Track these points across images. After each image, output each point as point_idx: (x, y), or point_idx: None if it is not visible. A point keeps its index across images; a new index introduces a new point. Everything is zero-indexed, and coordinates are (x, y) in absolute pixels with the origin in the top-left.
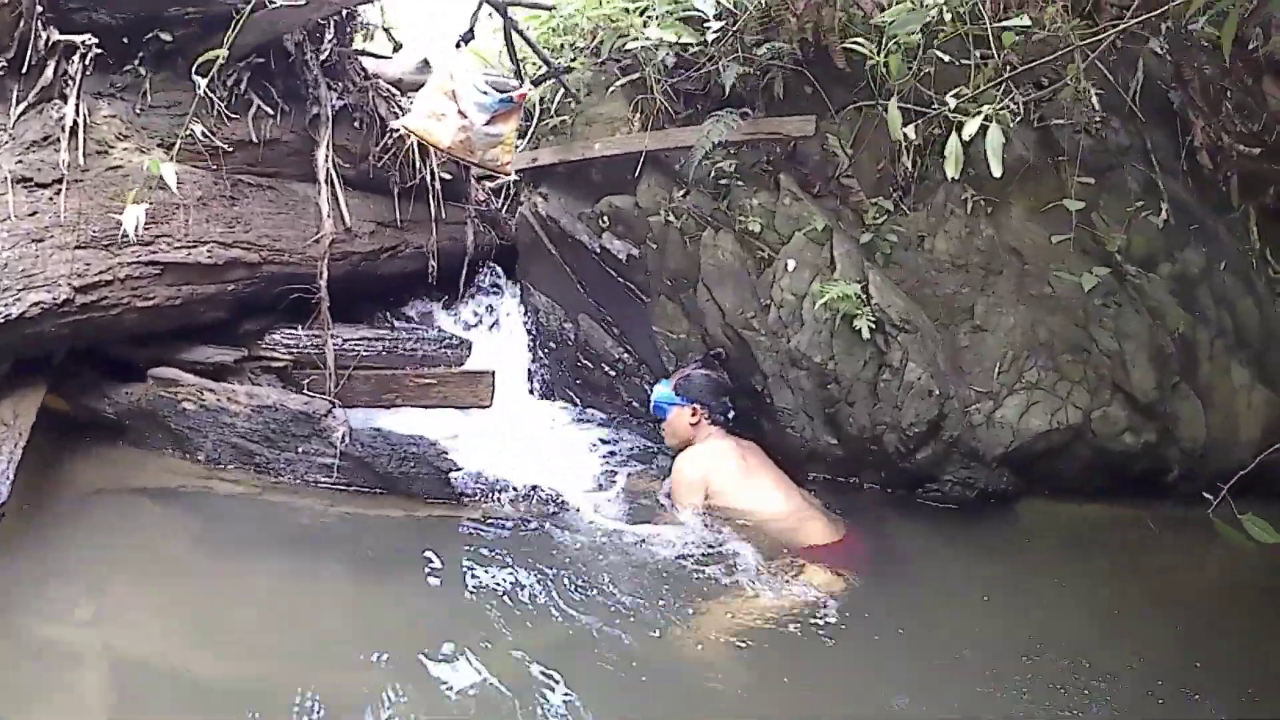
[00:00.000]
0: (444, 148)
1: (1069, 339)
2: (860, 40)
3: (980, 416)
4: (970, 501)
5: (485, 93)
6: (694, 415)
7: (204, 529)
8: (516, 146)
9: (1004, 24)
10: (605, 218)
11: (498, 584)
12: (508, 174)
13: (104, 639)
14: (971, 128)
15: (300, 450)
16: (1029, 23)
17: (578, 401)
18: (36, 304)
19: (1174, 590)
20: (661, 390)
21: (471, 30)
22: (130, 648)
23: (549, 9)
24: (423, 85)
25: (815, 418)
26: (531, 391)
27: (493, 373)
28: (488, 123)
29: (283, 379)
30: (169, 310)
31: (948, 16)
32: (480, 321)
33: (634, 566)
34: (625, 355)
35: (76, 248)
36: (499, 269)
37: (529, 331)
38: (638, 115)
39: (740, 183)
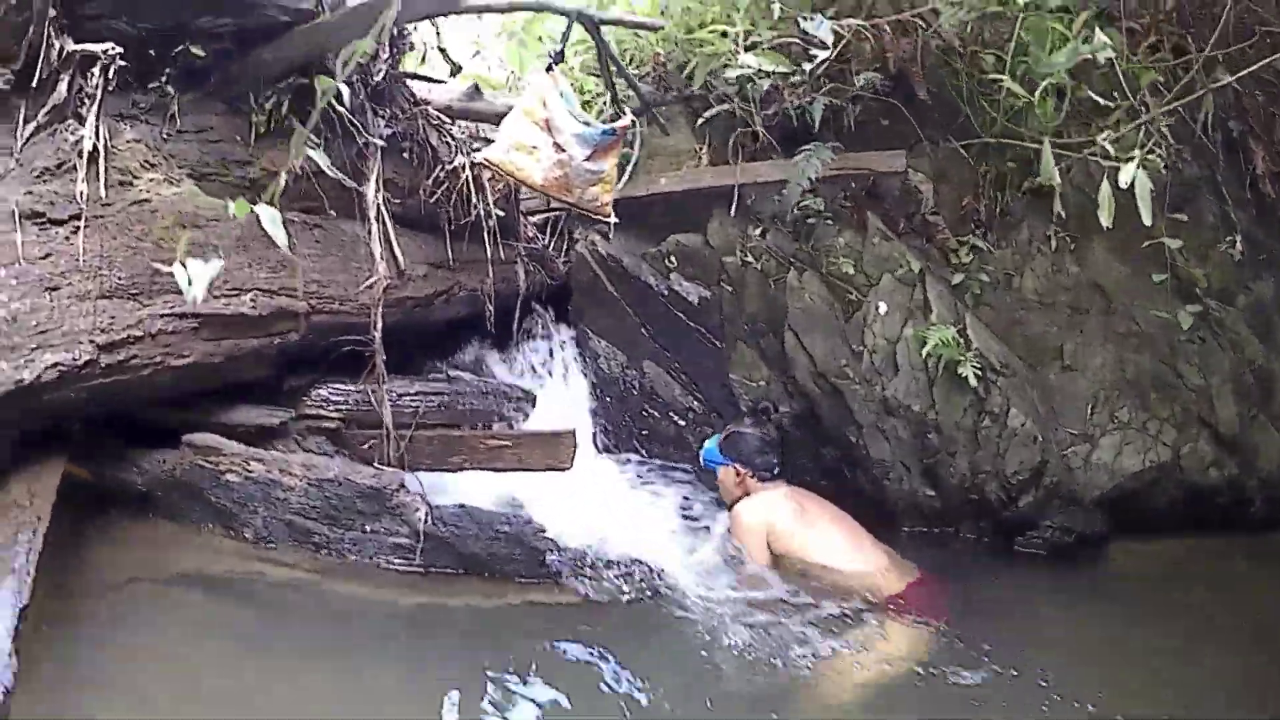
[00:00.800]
0: (536, 185)
1: (1156, 376)
2: (999, 77)
3: (1078, 459)
4: (1067, 545)
5: (587, 123)
6: (738, 475)
7: (254, 626)
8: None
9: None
10: (672, 257)
11: (608, 682)
12: (608, 216)
13: None
14: (1127, 174)
15: (368, 529)
16: (1170, 60)
17: (644, 453)
18: (54, 365)
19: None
20: (709, 448)
21: (562, 51)
22: None
23: (655, 29)
24: (475, 112)
25: (913, 469)
26: (594, 442)
27: (574, 433)
28: (588, 157)
29: (334, 441)
30: (206, 368)
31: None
32: (536, 369)
33: (742, 640)
34: (695, 404)
35: (99, 297)
36: (550, 311)
37: (589, 379)
38: (706, 149)
39: (829, 221)
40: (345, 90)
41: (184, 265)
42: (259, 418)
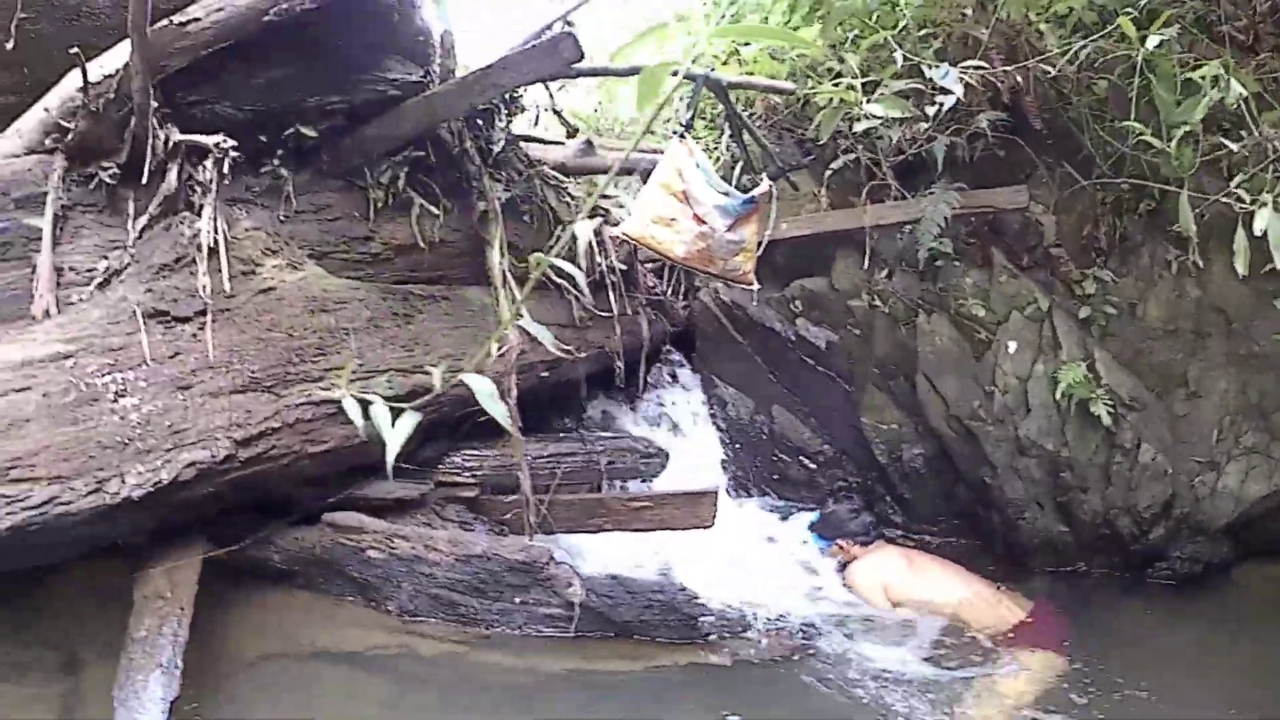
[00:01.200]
0: (678, 258)
1: (1279, 397)
2: (1137, 125)
3: (1205, 488)
4: (1195, 575)
5: (726, 193)
6: (842, 549)
7: (402, 702)
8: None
9: None
10: (798, 302)
11: None
12: (750, 284)
13: None
14: (1261, 221)
15: (517, 601)
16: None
17: (775, 498)
18: (192, 464)
19: None
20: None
21: (692, 119)
22: None
23: (785, 93)
24: (590, 168)
25: (1046, 507)
26: (728, 491)
27: (715, 492)
28: (729, 227)
29: (473, 508)
30: (346, 452)
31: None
32: (664, 420)
33: (884, 695)
34: (825, 446)
35: (233, 393)
36: (677, 359)
37: (718, 426)
38: (825, 192)
39: (956, 262)
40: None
41: (359, 404)
42: (399, 491)
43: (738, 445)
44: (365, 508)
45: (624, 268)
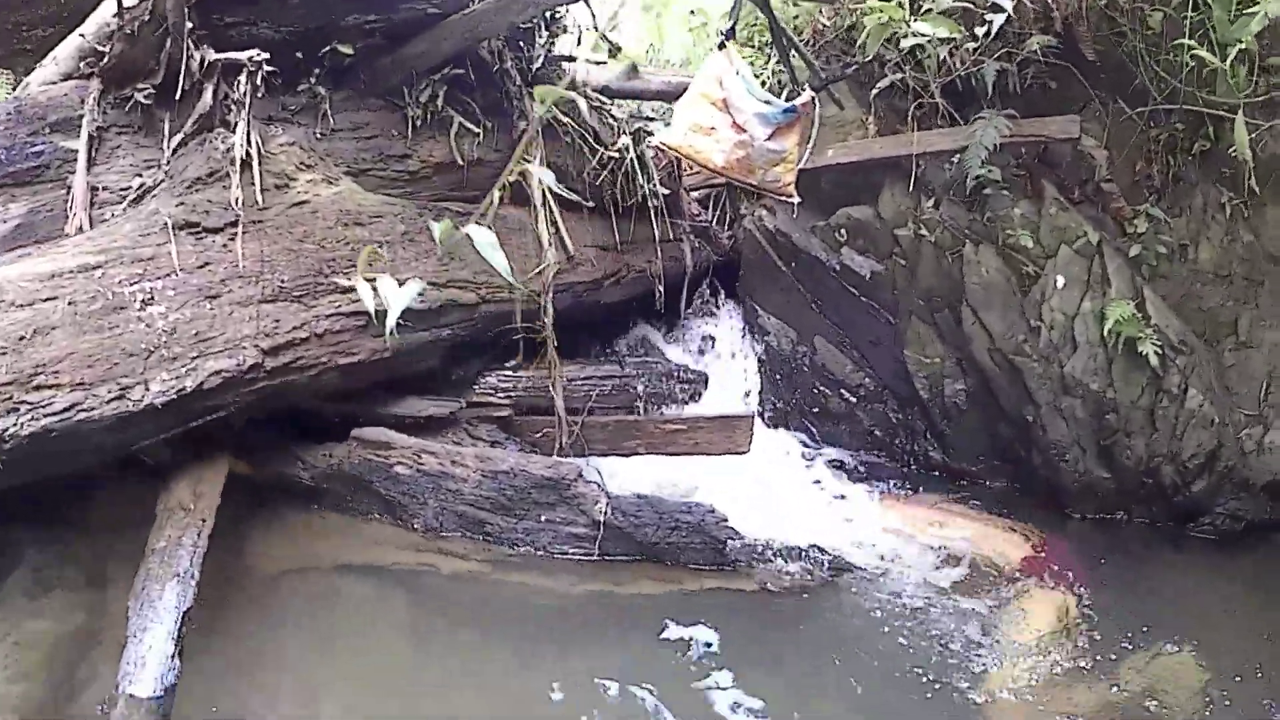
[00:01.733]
0: (717, 168)
1: None
2: (1190, 43)
3: (1250, 443)
4: (1237, 533)
5: (767, 101)
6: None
7: (424, 615)
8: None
9: None
10: (843, 230)
11: (787, 671)
12: (791, 196)
13: None
14: None
15: (543, 519)
16: None
17: (814, 431)
18: (217, 373)
19: None
20: None
21: (734, 28)
22: None
23: (831, 2)
24: (633, 91)
25: (1089, 450)
26: (765, 422)
27: (752, 417)
28: (769, 136)
29: (505, 429)
30: (375, 365)
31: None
32: (705, 348)
33: (917, 623)
34: (867, 380)
35: (262, 302)
36: (719, 287)
37: (758, 357)
38: (873, 118)
39: (1005, 192)
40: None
41: (369, 282)
42: (430, 409)
43: (778, 376)
44: (396, 426)
45: (666, 192)
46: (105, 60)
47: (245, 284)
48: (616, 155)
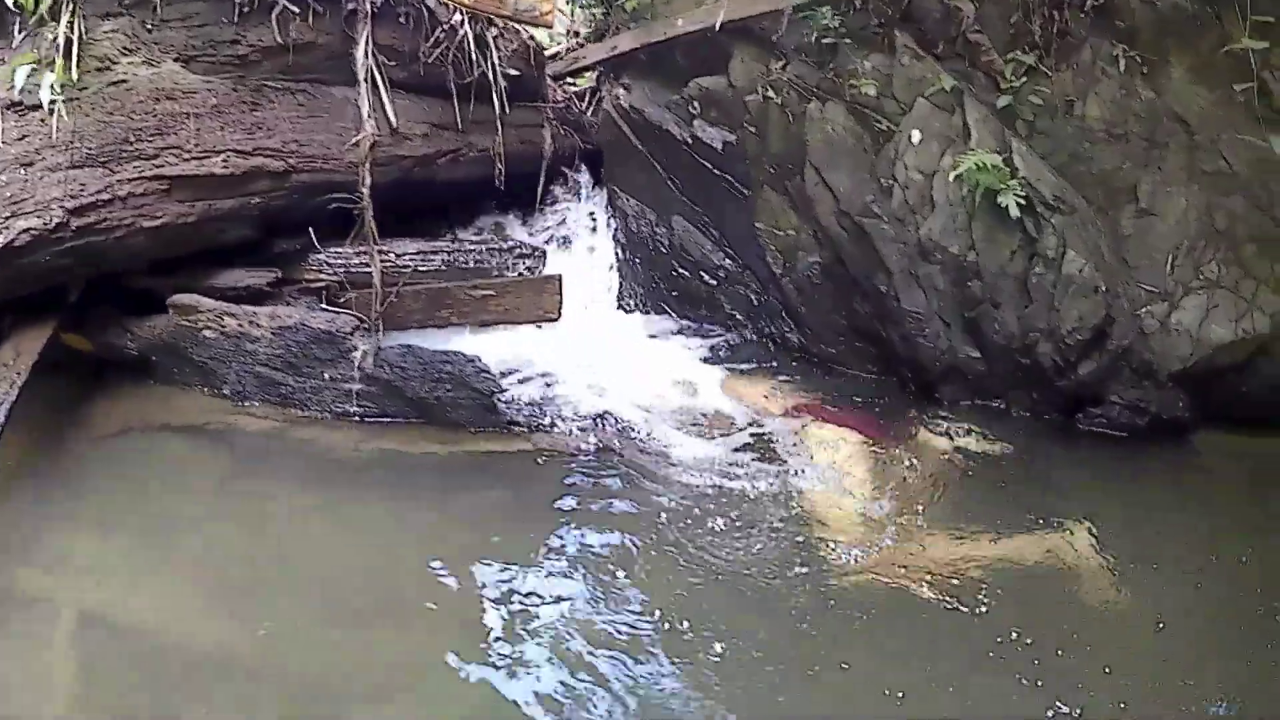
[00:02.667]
0: (468, 2)
1: (1252, 226)
2: None
3: (1153, 321)
4: (1139, 430)
5: None
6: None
7: (229, 469)
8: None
9: None
10: (695, 102)
11: (549, 535)
12: (550, 25)
13: (93, 590)
14: None
15: (327, 377)
16: None
17: (674, 315)
18: (26, 230)
19: None
20: None
21: None
22: (120, 602)
23: None
24: None
25: (952, 324)
26: (621, 307)
27: (559, 277)
28: None
29: (328, 302)
30: (183, 230)
31: None
32: (561, 233)
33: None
34: (726, 261)
35: (70, 168)
36: (585, 173)
37: (617, 240)
38: None
39: (848, 42)
40: None
41: None
42: (247, 279)
43: (637, 260)
44: (219, 298)
45: (515, 72)
46: None
47: (56, 153)
48: (447, 30)
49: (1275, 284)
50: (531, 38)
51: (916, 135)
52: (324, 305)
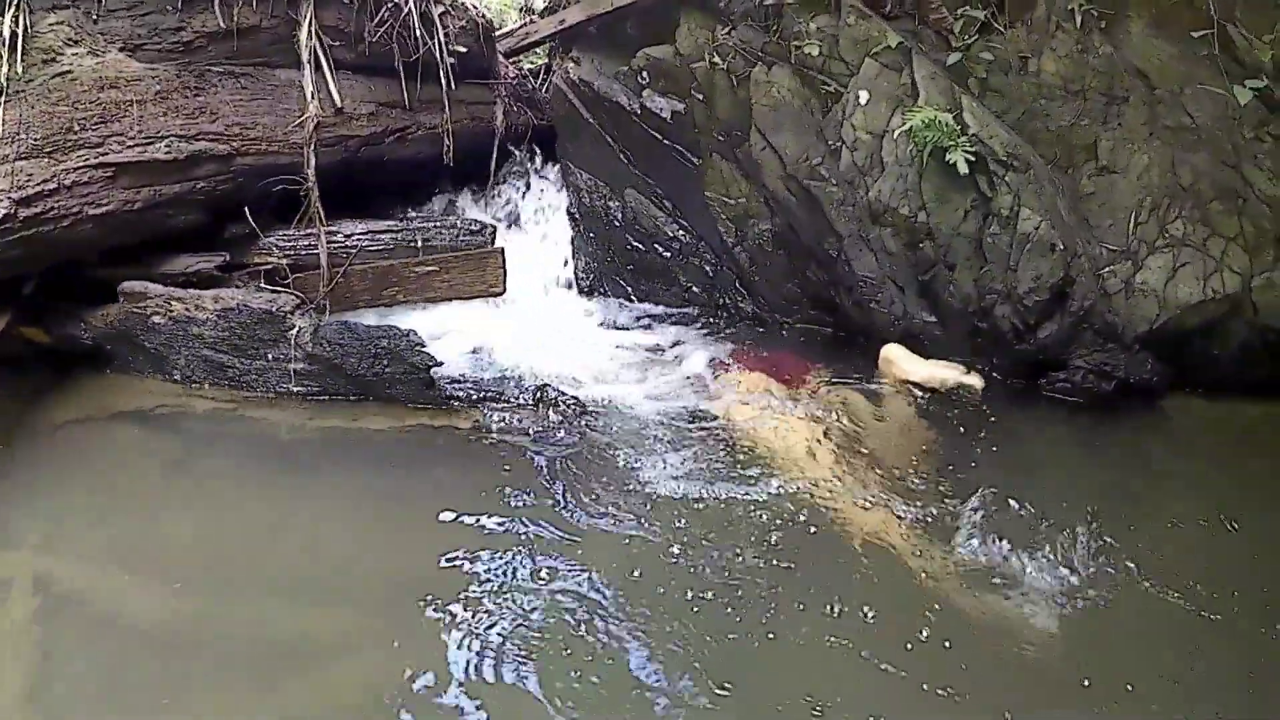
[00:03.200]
0: None
1: (1218, 182)
2: None
3: (1116, 281)
4: (1107, 395)
5: None
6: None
7: (179, 451)
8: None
9: None
10: (644, 73)
11: (488, 509)
12: None
13: (44, 569)
14: None
15: (271, 357)
16: None
17: (629, 291)
18: None
19: None
20: None
21: None
22: (70, 579)
23: None
24: None
25: (906, 288)
26: (575, 285)
27: (501, 251)
28: None
29: (276, 285)
30: (130, 217)
31: None
32: (516, 211)
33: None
34: (680, 233)
35: (16, 159)
36: (538, 153)
37: (571, 216)
38: None
39: (793, 3)
40: None
41: None
42: (194, 264)
43: (592, 234)
44: (170, 284)
45: (463, 49)
46: None
47: (3, 146)
48: (392, 10)
49: (1245, 241)
50: (482, 15)
51: (864, 95)
52: (263, 285)
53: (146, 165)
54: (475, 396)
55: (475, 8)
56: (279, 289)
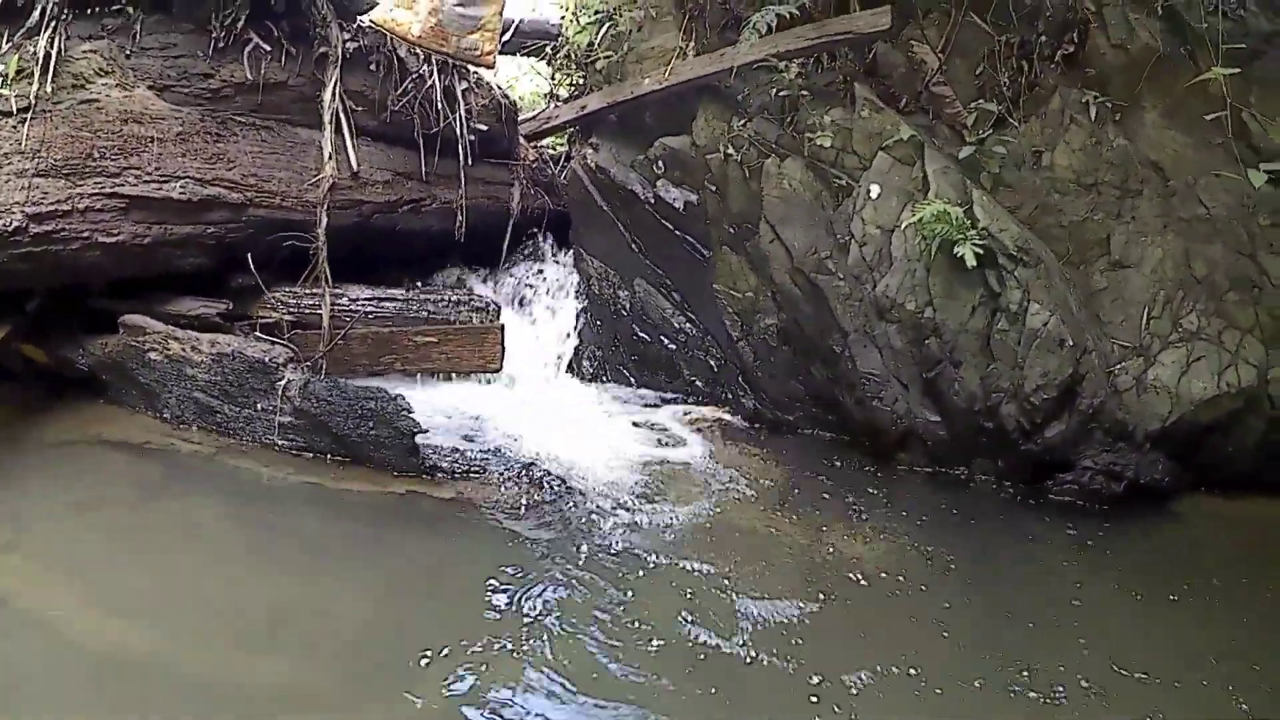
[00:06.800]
0: (414, 39)
1: (1233, 272)
2: None
3: (1127, 378)
4: (1117, 497)
5: None
6: None
7: (160, 486)
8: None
9: None
10: (660, 162)
11: (448, 578)
12: (490, 65)
13: (6, 584)
14: None
15: (259, 407)
16: None
17: (633, 381)
18: None
19: None
20: None
21: None
22: (33, 597)
23: None
24: None
25: (910, 386)
26: (577, 372)
27: (501, 327)
28: (459, 2)
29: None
30: (137, 251)
31: None
32: (524, 294)
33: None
34: (687, 325)
35: (35, 175)
36: (551, 238)
37: (579, 302)
38: (691, 43)
39: (808, 96)
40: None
41: None
42: (198, 308)
43: (599, 322)
44: (169, 324)
45: (484, 128)
46: None
47: (24, 159)
48: (416, 81)
49: (1261, 332)
50: (505, 95)
51: (875, 190)
52: (259, 334)
53: (160, 202)
54: (460, 469)
55: (499, 88)
56: (275, 341)
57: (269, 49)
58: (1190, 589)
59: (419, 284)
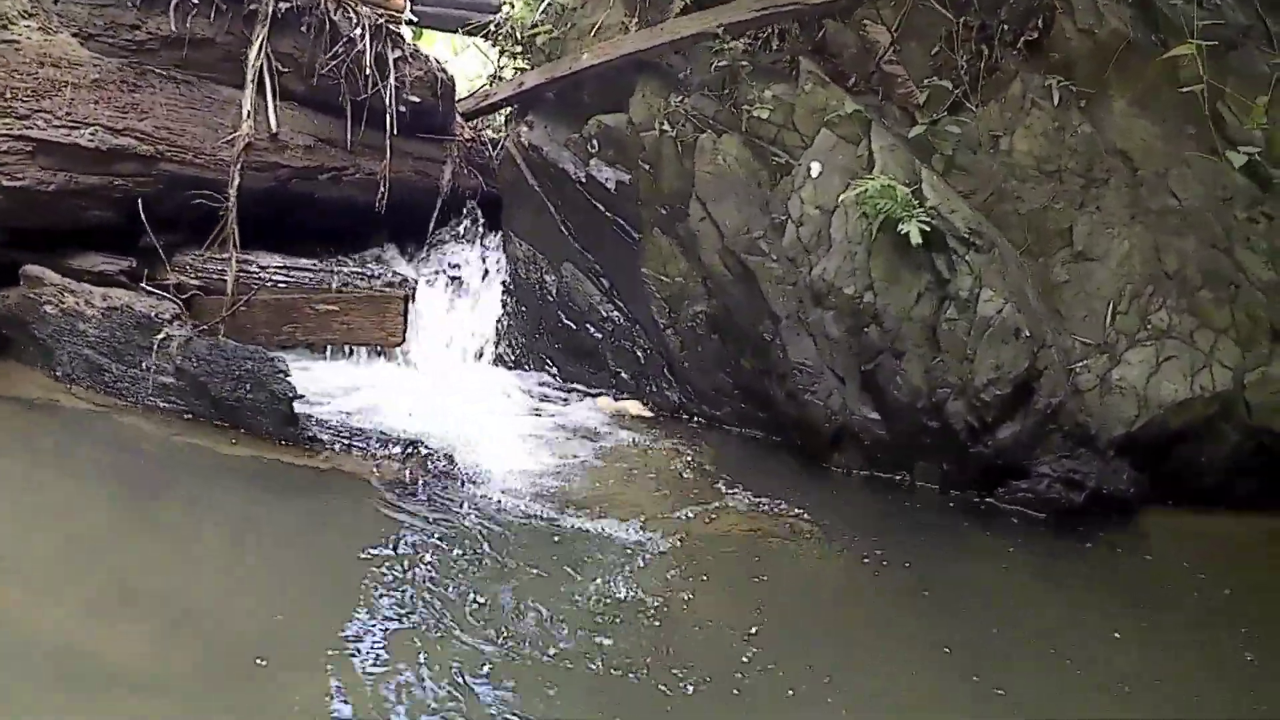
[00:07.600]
0: None
1: (1208, 268)
2: None
3: (1090, 377)
4: (1075, 508)
5: None
6: None
7: (46, 446)
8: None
9: None
10: (595, 140)
11: (310, 549)
12: (399, 9)
13: None
14: None
15: (145, 365)
16: None
17: (555, 370)
18: None
19: None
20: None
21: None
22: None
23: None
24: None
25: (847, 379)
26: (498, 359)
27: (404, 298)
28: None
29: (186, 305)
30: (43, 198)
31: None
32: (449, 275)
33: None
34: (615, 313)
35: None
36: (481, 218)
37: (504, 286)
38: (635, 19)
39: (748, 68)
40: None
41: None
42: (100, 264)
43: (524, 308)
44: (73, 278)
45: (416, 99)
46: None
47: None
48: (346, 45)
49: (1238, 333)
50: (443, 70)
51: (816, 167)
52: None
53: (68, 148)
54: (343, 442)
55: (436, 62)
56: (165, 295)
57: (197, 3)
58: (1152, 612)
59: (337, 258)
